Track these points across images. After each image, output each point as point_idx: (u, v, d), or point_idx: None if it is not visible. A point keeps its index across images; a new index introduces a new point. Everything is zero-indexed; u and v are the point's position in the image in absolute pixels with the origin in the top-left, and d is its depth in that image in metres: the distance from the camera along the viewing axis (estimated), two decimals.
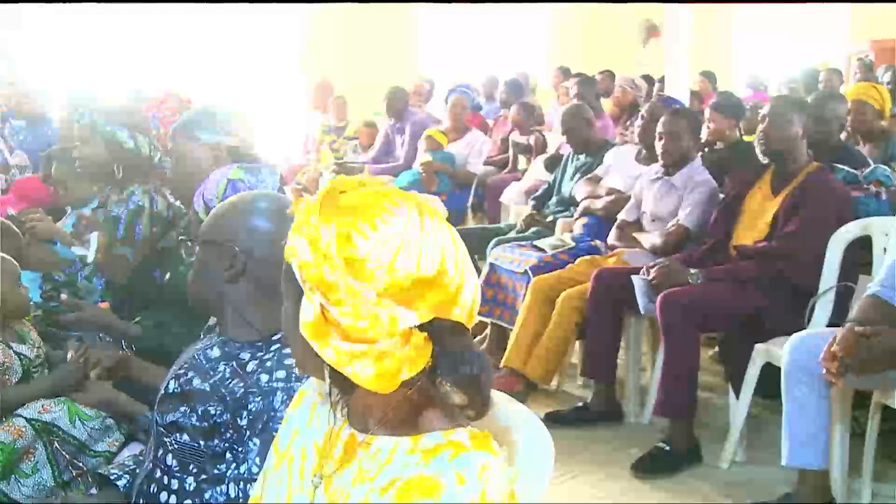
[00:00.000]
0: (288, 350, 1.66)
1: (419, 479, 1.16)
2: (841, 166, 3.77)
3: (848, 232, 3.32)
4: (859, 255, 3.36)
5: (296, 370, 1.62)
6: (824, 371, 2.61)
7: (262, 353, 1.70)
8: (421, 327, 1.17)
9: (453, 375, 1.20)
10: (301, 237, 1.18)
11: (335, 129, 8.28)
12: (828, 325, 3.18)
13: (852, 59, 9.60)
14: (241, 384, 1.65)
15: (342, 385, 1.24)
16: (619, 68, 9.04)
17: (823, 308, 3.29)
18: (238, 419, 1.63)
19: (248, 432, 1.61)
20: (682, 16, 6.19)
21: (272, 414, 1.60)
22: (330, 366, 1.19)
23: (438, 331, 1.19)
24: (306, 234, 1.18)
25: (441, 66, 11.38)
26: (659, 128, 4.09)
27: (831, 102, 4.27)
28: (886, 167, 3.84)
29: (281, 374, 1.65)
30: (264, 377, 1.64)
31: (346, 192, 1.20)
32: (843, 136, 4.77)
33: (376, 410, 1.25)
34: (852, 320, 2.73)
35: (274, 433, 1.53)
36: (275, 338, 1.72)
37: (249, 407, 1.62)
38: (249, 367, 1.67)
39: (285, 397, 1.60)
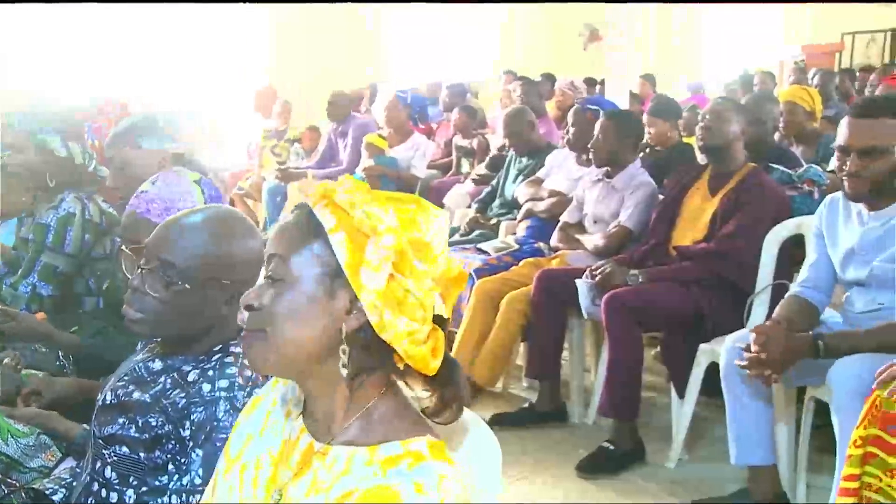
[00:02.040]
0: (229, 359, 1.65)
1: (377, 489, 1.16)
2: (776, 166, 3.86)
3: (782, 230, 3.38)
4: (795, 254, 3.43)
5: (238, 379, 1.61)
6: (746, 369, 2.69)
7: (203, 364, 1.68)
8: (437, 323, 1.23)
9: (448, 378, 1.25)
10: (374, 206, 1.19)
11: (277, 133, 8.20)
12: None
13: (786, 64, 9.85)
14: (183, 395, 1.63)
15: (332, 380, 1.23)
16: (566, 72, 9.14)
17: (761, 307, 3.34)
18: (181, 430, 1.61)
19: (190, 443, 1.60)
20: (623, 20, 6.29)
21: (215, 424, 1.58)
22: (344, 358, 1.20)
23: (445, 332, 1.25)
24: (381, 205, 1.20)
25: (389, 71, 11.36)
26: (586, 129, 4.16)
27: (766, 104, 4.37)
28: (819, 167, 3.93)
29: (223, 383, 1.63)
30: (206, 387, 1.62)
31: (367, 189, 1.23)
32: (776, 137, 4.89)
33: (339, 418, 1.25)
34: (775, 319, 2.81)
35: (217, 443, 1.52)
36: (216, 348, 1.70)
37: (192, 417, 1.60)
38: (191, 378, 1.65)
39: (228, 407, 1.59)
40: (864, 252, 2.78)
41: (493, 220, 4.98)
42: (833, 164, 2.89)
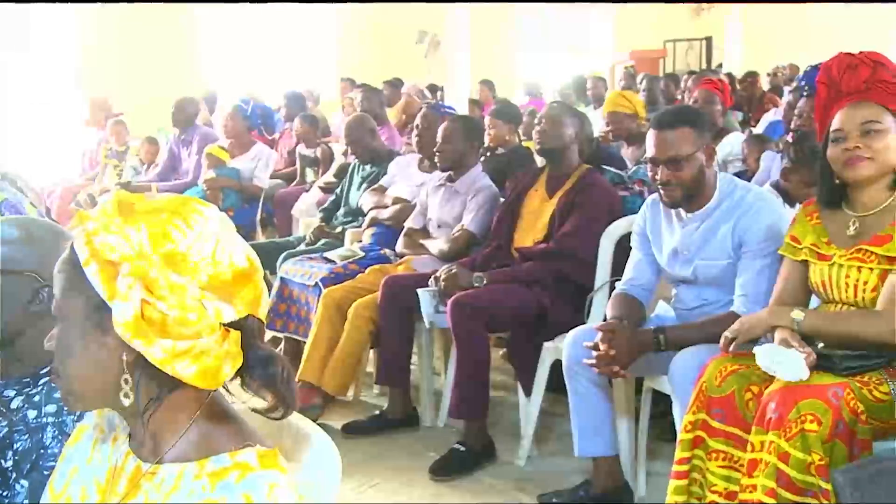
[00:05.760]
0: None
1: None
2: (608, 168, 4.02)
3: (617, 229, 3.52)
4: (629, 251, 3.58)
5: None
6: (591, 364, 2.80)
7: (28, 388, 1.60)
8: (234, 326, 1.19)
9: (265, 374, 1.22)
10: (111, 235, 1.15)
11: (116, 154, 7.86)
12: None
13: (616, 68, 10.29)
14: (5, 423, 1.55)
15: (137, 408, 1.21)
16: (407, 79, 9.21)
17: (600, 303, 3.46)
18: (2, 461, 1.52)
19: (14, 474, 1.52)
20: (463, 26, 6.40)
21: (42, 451, 1.51)
22: (126, 388, 1.17)
23: (250, 330, 1.21)
24: (116, 232, 1.15)
25: (226, 80, 11.12)
26: (437, 133, 4.20)
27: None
28: (647, 167, 4.11)
29: (51, 408, 1.56)
30: (32, 413, 1.55)
31: (136, 202, 1.19)
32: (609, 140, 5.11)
33: (164, 438, 1.22)
34: (613, 317, 2.94)
35: (45, 472, 1.45)
36: (43, 371, 1.62)
37: (15, 447, 1.52)
38: (14, 404, 1.57)
39: (57, 433, 1.52)
40: (687, 251, 2.93)
41: (339, 229, 4.96)
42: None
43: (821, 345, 2.26)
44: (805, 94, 3.67)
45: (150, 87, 9.11)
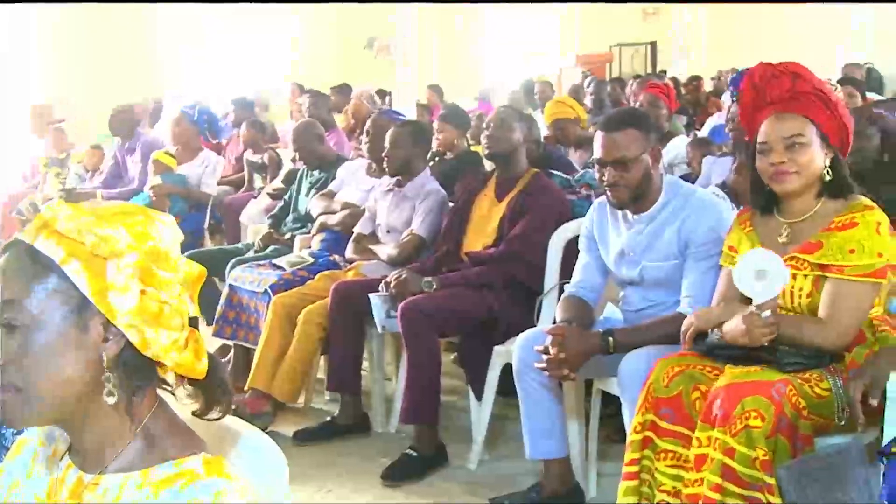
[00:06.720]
0: None
1: None
2: (556, 172, 4.05)
3: (565, 232, 3.54)
4: (578, 254, 3.61)
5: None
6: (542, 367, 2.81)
7: None
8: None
9: (213, 375, 1.25)
10: (107, 228, 1.15)
11: (57, 161, 7.70)
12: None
13: (564, 72, 10.41)
14: None
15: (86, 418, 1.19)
16: (355, 84, 9.18)
17: (550, 306, 3.48)
18: None
19: None
20: (411, 31, 6.40)
21: None
22: (109, 386, 1.17)
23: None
24: (111, 225, 1.16)
25: (177, 84, 10.98)
26: (385, 139, 4.20)
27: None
28: (593, 171, 4.15)
29: None
30: None
31: (88, 209, 1.19)
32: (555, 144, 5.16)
33: (109, 448, 1.20)
34: (562, 321, 2.95)
35: None
36: None
37: None
38: None
39: None
40: (634, 253, 2.96)
41: (287, 235, 4.92)
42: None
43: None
44: (734, 98, 3.75)
45: (94, 92, 8.97)
